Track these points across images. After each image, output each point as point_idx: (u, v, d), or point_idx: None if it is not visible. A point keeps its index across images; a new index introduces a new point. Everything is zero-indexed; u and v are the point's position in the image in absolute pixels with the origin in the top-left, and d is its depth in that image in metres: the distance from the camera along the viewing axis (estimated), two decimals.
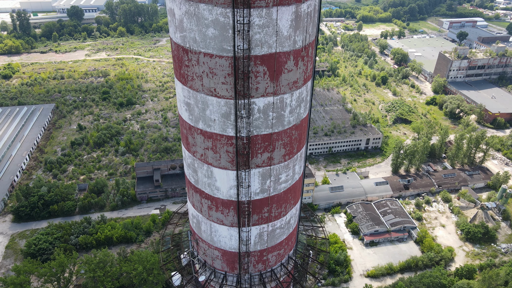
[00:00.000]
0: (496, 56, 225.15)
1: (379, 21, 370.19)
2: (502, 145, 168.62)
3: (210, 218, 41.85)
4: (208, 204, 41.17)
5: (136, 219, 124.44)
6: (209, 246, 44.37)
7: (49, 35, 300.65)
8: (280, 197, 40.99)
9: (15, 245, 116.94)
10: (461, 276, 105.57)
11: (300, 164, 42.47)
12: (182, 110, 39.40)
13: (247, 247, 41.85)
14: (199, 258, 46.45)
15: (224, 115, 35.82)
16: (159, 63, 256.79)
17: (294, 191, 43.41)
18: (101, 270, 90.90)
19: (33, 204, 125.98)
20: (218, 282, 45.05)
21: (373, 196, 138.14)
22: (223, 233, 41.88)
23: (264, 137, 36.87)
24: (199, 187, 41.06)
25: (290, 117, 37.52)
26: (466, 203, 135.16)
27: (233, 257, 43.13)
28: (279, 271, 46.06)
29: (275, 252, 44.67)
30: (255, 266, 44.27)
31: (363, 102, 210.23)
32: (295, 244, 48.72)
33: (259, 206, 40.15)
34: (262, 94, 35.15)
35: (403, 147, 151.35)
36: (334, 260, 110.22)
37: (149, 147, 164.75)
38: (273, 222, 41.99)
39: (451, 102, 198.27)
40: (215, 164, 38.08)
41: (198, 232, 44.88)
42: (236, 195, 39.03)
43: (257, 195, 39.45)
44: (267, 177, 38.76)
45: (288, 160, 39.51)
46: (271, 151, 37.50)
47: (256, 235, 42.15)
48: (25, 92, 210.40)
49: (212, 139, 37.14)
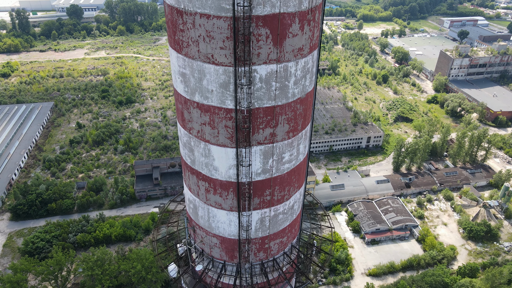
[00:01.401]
0: (497, 54, 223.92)
1: (380, 20, 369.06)
2: (504, 143, 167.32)
3: (208, 202, 39.08)
4: (205, 187, 38.33)
5: (135, 218, 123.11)
6: (206, 233, 41.54)
7: (49, 33, 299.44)
8: (283, 178, 38.21)
9: (13, 244, 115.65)
10: (464, 274, 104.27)
11: (305, 143, 39.52)
12: (177, 82, 36.45)
13: (247, 234, 39.07)
14: (196, 247, 43.69)
15: (223, 85, 33.03)
16: (159, 62, 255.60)
17: (298, 173, 40.46)
18: (99, 268, 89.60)
19: (31, 202, 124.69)
20: (216, 272, 42.31)
21: (374, 195, 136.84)
22: (222, 218, 39.07)
23: (266, 110, 34.06)
24: (196, 168, 38.19)
25: (294, 88, 34.65)
26: (468, 202, 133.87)
27: (232, 244, 40.40)
28: (281, 260, 43.15)
29: (277, 239, 41.89)
30: (256, 254, 41.56)
31: (364, 101, 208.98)
32: (298, 232, 45.41)
33: (260, 188, 37.33)
34: (264, 61, 32.23)
35: (404, 145, 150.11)
36: (335, 259, 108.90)
37: (148, 145, 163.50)
38: (276, 206, 39.19)
39: (452, 101, 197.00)
40: (213, 141, 35.24)
41: (195, 218, 41.98)
42: (235, 175, 36.20)
43: (259, 176, 36.61)
44: (269, 155, 35.92)
45: (292, 137, 36.61)
46: (273, 126, 34.70)
47: (257, 221, 39.36)
48: (24, 91, 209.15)
49: (209, 113, 34.40)
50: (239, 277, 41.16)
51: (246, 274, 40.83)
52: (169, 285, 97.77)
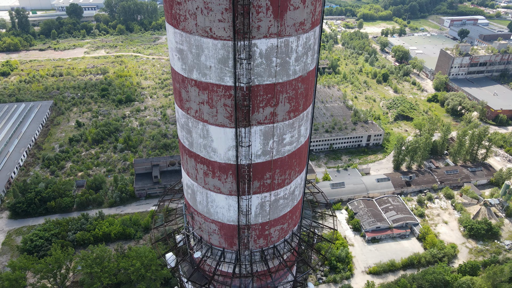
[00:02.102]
0: (498, 53, 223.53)
1: (380, 19, 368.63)
2: (504, 141, 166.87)
3: (206, 186, 37.76)
4: (204, 170, 37.04)
5: (135, 216, 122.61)
6: (205, 219, 40.20)
7: (48, 32, 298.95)
8: (284, 161, 36.96)
9: (12, 242, 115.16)
10: (465, 272, 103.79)
11: (306, 125, 38.23)
12: (174, 59, 35.14)
13: (247, 219, 37.72)
14: (195, 234, 42.59)
15: (222, 61, 31.76)
16: (159, 61, 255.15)
17: (300, 157, 39.14)
18: (98, 266, 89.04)
19: (30, 200, 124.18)
20: (215, 259, 41.04)
21: (374, 193, 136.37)
22: (221, 203, 37.85)
23: (267, 88, 32.88)
24: (194, 151, 36.92)
25: (296, 65, 33.37)
26: (469, 200, 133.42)
27: (231, 231, 39.19)
28: (282, 247, 41.84)
29: (278, 226, 40.56)
30: (256, 241, 40.31)
31: (364, 99, 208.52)
32: (299, 219, 44.11)
33: (260, 171, 36.08)
34: (265, 34, 30.95)
35: (405, 144, 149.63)
36: (336, 257, 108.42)
37: (148, 144, 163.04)
38: (276, 190, 37.91)
39: (452, 99, 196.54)
40: (212, 121, 34.09)
41: (193, 204, 40.66)
42: (235, 157, 34.96)
43: (259, 158, 35.34)
44: (269, 136, 34.73)
45: (293, 118, 35.39)
46: (274, 105, 33.53)
47: (257, 205, 38.07)
48: (23, 89, 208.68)
49: (207, 90, 33.23)
50: (238, 264, 40.08)
51: (246, 261, 39.76)
52: (169, 283, 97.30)
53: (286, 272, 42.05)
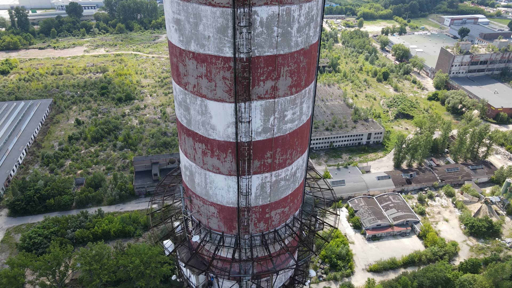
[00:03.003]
0: (498, 51, 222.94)
1: (380, 18, 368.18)
2: (505, 139, 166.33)
3: (205, 166, 36.37)
4: (202, 149, 35.63)
5: (134, 213, 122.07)
6: (203, 202, 38.79)
7: (48, 31, 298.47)
8: (285, 140, 35.52)
9: (10, 239, 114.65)
10: (466, 270, 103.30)
11: (308, 103, 36.77)
12: (172, 32, 33.62)
13: (247, 201, 36.38)
14: (193, 218, 41.46)
15: (220, 30, 30.21)
16: (158, 59, 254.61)
17: (301, 136, 37.53)
18: (97, 263, 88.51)
19: (29, 198, 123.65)
20: (214, 243, 39.64)
21: (375, 191, 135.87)
22: (220, 184, 36.46)
23: (268, 60, 31.32)
24: (192, 129, 35.52)
25: (298, 37, 31.92)
26: (470, 198, 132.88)
27: (231, 213, 37.79)
28: (283, 232, 40.47)
29: (279, 209, 39.20)
30: (256, 225, 38.93)
31: (364, 98, 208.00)
32: (301, 204, 42.97)
33: (261, 149, 34.68)
34: (265, 1, 29.43)
35: (405, 142, 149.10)
36: (336, 255, 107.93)
37: (147, 142, 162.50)
38: (277, 171, 36.45)
39: (453, 97, 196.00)
40: (210, 95, 32.72)
41: (192, 186, 39.19)
42: (234, 134, 33.60)
43: (259, 135, 34.00)
44: (270, 112, 33.36)
45: (295, 93, 34.01)
46: (275, 78, 32.20)
47: (258, 186, 36.66)
48: (23, 87, 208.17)
49: (206, 63, 31.76)
50: (238, 249, 38.98)
51: (246, 246, 38.76)
52: (168, 281, 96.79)
53: (288, 258, 40.94)
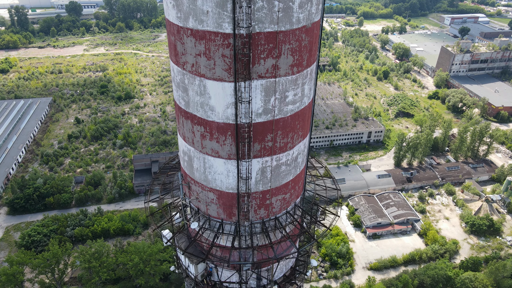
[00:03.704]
0: (499, 50, 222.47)
1: (380, 17, 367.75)
2: (506, 138, 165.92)
3: (204, 150, 35.39)
4: (201, 132, 34.63)
5: (134, 212, 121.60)
6: (202, 188, 37.72)
7: (47, 30, 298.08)
8: (286, 122, 34.55)
9: (10, 238, 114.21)
10: (467, 268, 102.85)
11: (310, 85, 35.77)
12: (169, 8, 32.60)
13: (247, 186, 35.29)
14: (192, 206, 40.69)
15: (220, 4, 29.09)
16: (158, 58, 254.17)
17: (303, 120, 36.48)
18: (96, 261, 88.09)
19: (28, 196, 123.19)
20: (213, 231, 38.58)
21: (375, 189, 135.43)
22: (219, 168, 35.46)
23: (268, 36, 30.24)
24: (190, 111, 34.49)
25: (299, 13, 30.79)
26: (470, 196, 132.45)
27: (230, 200, 36.84)
28: (284, 220, 39.37)
29: (279, 195, 38.22)
30: (257, 211, 37.94)
31: (365, 96, 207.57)
32: (302, 191, 42.08)
33: (261, 131, 33.70)
34: None
35: (405, 140, 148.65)
36: (336, 253, 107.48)
37: (147, 140, 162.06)
38: (278, 155, 35.47)
39: (453, 96, 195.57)
40: (209, 75, 31.72)
41: (190, 172, 38.19)
42: (234, 116, 32.61)
43: (259, 117, 32.99)
44: (271, 92, 32.39)
45: (296, 73, 32.99)
46: (276, 56, 31.15)
47: (258, 171, 35.65)
48: (22, 86, 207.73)
49: (204, 40, 30.69)
50: (238, 237, 38.18)
51: (246, 233, 38.00)
52: (168, 279, 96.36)
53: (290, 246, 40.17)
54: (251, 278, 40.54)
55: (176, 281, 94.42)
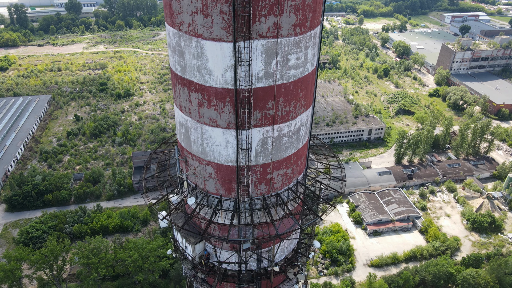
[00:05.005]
0: (500, 48, 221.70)
1: (380, 16, 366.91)
2: (507, 135, 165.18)
3: (201, 119, 33.54)
4: (198, 100, 32.80)
5: (133, 209, 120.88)
6: (200, 161, 35.72)
7: (47, 28, 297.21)
8: (288, 89, 32.72)
9: (8, 234, 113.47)
10: (468, 265, 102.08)
11: (314, 50, 33.59)
12: None
13: (247, 158, 33.49)
14: (189, 181, 39.44)
15: None
16: (158, 56, 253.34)
17: (306, 88, 34.39)
18: (95, 257, 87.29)
19: (26, 193, 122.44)
20: (211, 207, 36.55)
21: (376, 186, 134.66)
22: (217, 139, 33.46)
23: None
24: (187, 77, 32.57)
25: None
26: (472, 193, 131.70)
27: (229, 173, 34.83)
28: (286, 196, 37.33)
29: (281, 170, 36.34)
30: (257, 186, 36.09)
31: (365, 94, 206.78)
32: (305, 168, 39.92)
33: (262, 97, 31.97)
34: None
35: (406, 137, 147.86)
36: (337, 250, 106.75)
37: (146, 138, 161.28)
38: (280, 125, 33.48)
39: (454, 93, 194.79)
40: (206, 34, 29.66)
41: (187, 145, 36.22)
42: (233, 80, 30.75)
43: (260, 82, 31.20)
44: (272, 54, 30.49)
45: (299, 35, 30.98)
46: (278, 14, 29.02)
47: (259, 142, 33.80)
48: (21, 84, 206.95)
49: None
50: (237, 214, 36.75)
51: (245, 210, 36.65)
52: (167, 275, 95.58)
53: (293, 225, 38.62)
54: (251, 260, 39.04)
55: (175, 277, 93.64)
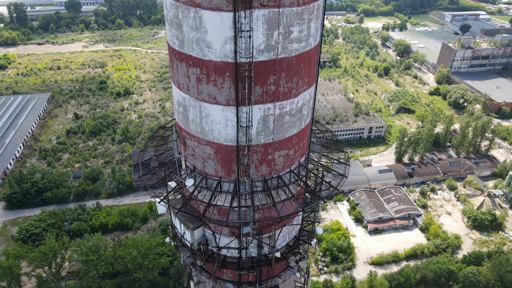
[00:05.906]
0: (500, 46, 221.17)
1: (380, 15, 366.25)
2: (508, 133, 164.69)
3: (200, 96, 32.01)
4: (196, 75, 31.37)
5: (132, 207, 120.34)
6: (199, 142, 34.22)
7: (46, 27, 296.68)
8: (290, 63, 31.25)
9: (7, 232, 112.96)
10: (469, 263, 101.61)
11: (317, 24, 31.93)
12: None
13: (247, 137, 32.24)
14: (187, 164, 38.37)
15: None
16: (158, 55, 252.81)
17: (309, 64, 32.90)
18: (94, 254, 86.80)
19: (25, 191, 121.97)
20: (210, 189, 35.11)
21: (376, 184, 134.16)
22: (217, 117, 31.88)
23: None
24: (185, 51, 31.02)
25: None
26: (473, 191, 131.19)
27: (229, 154, 33.26)
28: (288, 178, 35.69)
29: (283, 151, 34.93)
30: (258, 168, 34.60)
31: (365, 93, 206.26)
32: (307, 150, 38.31)
33: (263, 72, 30.58)
34: None
35: (407, 135, 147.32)
36: (337, 247, 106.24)
37: (146, 136, 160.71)
38: (281, 102, 31.84)
39: (455, 92, 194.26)
40: (205, 4, 28.09)
41: (185, 124, 34.69)
42: (233, 53, 29.23)
43: (261, 55, 29.65)
44: (274, 25, 28.97)
45: (302, 5, 29.26)
46: None
47: (260, 119, 32.40)
48: (21, 82, 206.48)
49: None
50: (237, 196, 35.81)
51: (246, 192, 35.74)
52: (167, 273, 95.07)
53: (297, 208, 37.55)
54: (252, 246, 38.00)
55: (174, 275, 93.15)
